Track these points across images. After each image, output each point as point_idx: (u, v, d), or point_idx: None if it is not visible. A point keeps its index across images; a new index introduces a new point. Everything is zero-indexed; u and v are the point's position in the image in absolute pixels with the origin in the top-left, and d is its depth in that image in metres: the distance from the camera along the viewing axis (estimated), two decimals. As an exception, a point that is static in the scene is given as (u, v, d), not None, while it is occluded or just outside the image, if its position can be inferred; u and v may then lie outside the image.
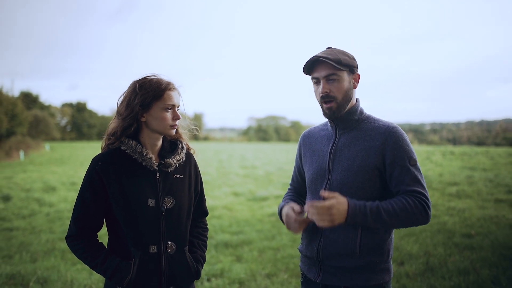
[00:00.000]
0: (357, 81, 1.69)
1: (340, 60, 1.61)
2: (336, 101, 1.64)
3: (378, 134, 1.63)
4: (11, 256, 4.86)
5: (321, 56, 1.62)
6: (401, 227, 1.57)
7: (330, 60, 1.60)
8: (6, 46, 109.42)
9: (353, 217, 1.51)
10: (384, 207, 1.52)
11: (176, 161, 1.71)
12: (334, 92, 1.63)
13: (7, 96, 24.69)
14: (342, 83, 1.63)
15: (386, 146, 1.60)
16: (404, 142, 1.61)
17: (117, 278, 1.58)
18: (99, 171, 1.59)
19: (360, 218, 1.51)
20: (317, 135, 1.82)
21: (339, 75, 1.62)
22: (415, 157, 1.61)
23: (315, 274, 1.71)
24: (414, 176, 1.58)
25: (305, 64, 1.66)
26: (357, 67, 1.69)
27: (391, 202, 1.54)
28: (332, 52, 1.64)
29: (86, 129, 49.94)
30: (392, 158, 1.58)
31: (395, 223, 1.53)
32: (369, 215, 1.51)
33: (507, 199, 8.01)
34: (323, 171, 1.69)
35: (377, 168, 1.60)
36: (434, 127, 64.79)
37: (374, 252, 1.63)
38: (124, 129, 1.63)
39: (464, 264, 4.31)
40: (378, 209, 1.51)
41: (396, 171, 1.58)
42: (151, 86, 1.62)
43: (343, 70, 1.62)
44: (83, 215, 1.61)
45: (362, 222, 1.52)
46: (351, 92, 1.68)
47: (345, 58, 1.63)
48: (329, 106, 1.65)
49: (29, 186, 10.63)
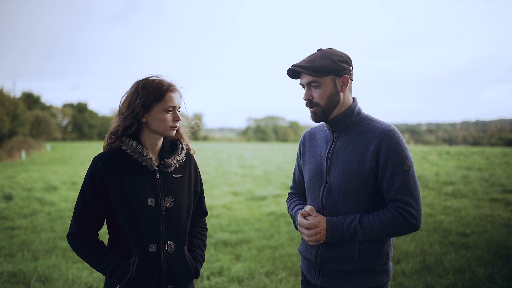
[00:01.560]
0: (346, 84, 1.64)
1: (317, 68, 1.59)
2: (319, 107, 1.63)
3: (373, 137, 1.60)
4: (13, 254, 4.91)
5: (297, 65, 1.62)
6: (385, 238, 1.63)
7: (306, 69, 1.59)
8: (8, 47, 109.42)
9: (331, 237, 1.61)
10: (363, 225, 1.57)
11: (176, 162, 1.71)
12: (316, 99, 1.63)
13: (9, 96, 24.72)
14: (324, 89, 1.61)
15: (380, 150, 1.57)
16: (399, 147, 1.57)
17: (116, 276, 1.59)
18: (99, 170, 1.60)
19: (337, 238, 1.60)
20: (317, 136, 1.80)
21: (319, 81, 1.61)
22: (410, 162, 1.58)
23: (314, 276, 1.72)
24: (404, 182, 1.55)
25: (286, 73, 1.66)
26: (346, 69, 1.63)
27: (371, 218, 1.58)
28: (314, 58, 1.62)
29: (87, 129, 49.90)
30: (385, 162, 1.57)
31: (375, 237, 1.59)
32: (346, 235, 1.59)
33: (502, 198, 8.04)
34: (320, 174, 1.69)
35: (373, 172, 1.59)
36: (430, 127, 64.61)
37: (373, 256, 1.63)
38: (125, 129, 1.63)
39: (460, 263, 4.34)
40: (355, 230, 1.58)
41: (387, 176, 1.57)
42: (153, 87, 1.62)
43: (324, 76, 1.60)
44: (84, 213, 1.63)
45: (341, 240, 1.61)
46: (337, 96, 1.64)
47: (326, 64, 1.59)
48: (313, 110, 1.65)
49: (31, 185, 10.67)
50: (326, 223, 1.61)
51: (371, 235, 1.57)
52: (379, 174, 1.59)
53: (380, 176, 1.59)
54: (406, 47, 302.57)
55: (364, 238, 1.58)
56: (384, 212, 1.58)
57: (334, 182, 1.64)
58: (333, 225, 1.60)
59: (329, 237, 1.61)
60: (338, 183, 1.62)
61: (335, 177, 1.64)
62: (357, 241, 1.60)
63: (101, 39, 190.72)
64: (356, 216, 1.60)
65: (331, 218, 1.62)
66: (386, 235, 1.59)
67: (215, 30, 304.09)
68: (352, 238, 1.59)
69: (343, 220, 1.60)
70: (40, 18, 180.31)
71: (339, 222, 1.60)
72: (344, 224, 1.59)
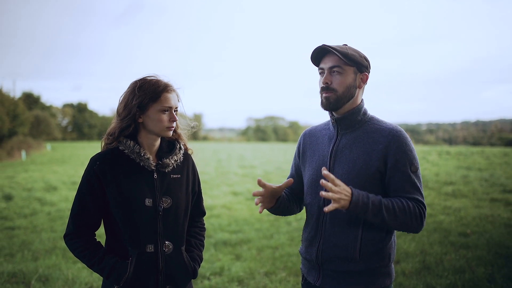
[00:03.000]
0: (364, 81, 1.65)
1: (347, 54, 1.58)
2: (335, 93, 1.61)
3: (381, 137, 1.59)
4: (13, 254, 4.91)
5: (328, 46, 1.59)
6: (395, 228, 1.56)
7: (337, 51, 1.57)
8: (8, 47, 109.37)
9: (355, 205, 1.46)
10: (385, 204, 1.50)
11: (173, 162, 1.71)
12: (334, 85, 1.60)
13: (9, 96, 24.75)
14: (345, 77, 1.60)
15: (388, 150, 1.56)
16: (407, 148, 1.57)
17: (114, 277, 1.59)
18: (97, 170, 1.60)
19: (361, 208, 1.47)
20: (319, 135, 1.77)
21: (344, 68, 1.59)
22: (417, 164, 1.58)
23: (314, 277, 1.69)
24: (414, 183, 1.56)
25: (312, 51, 1.63)
26: (367, 67, 1.65)
27: (393, 200, 1.52)
28: (344, 47, 1.62)
29: (87, 129, 49.89)
30: (394, 162, 1.55)
31: (391, 222, 1.51)
32: (370, 207, 1.47)
33: (502, 198, 8.05)
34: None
35: (379, 171, 1.58)
36: (430, 127, 64.59)
37: (374, 257, 1.60)
38: (122, 129, 1.63)
39: (460, 263, 4.35)
40: (380, 204, 1.49)
41: (397, 176, 1.56)
42: (149, 87, 1.61)
43: (349, 65, 1.60)
44: (81, 214, 1.63)
45: (362, 212, 1.47)
46: (354, 90, 1.63)
47: (354, 55, 1.60)
48: (327, 95, 1.61)
49: (31, 185, 10.67)
50: (351, 190, 1.47)
51: (390, 217, 1.50)
52: (387, 173, 1.58)
53: (388, 176, 1.58)
54: (406, 47, 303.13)
55: (383, 218, 1.49)
56: (405, 200, 1.54)
57: None
58: (358, 192, 1.48)
59: (353, 203, 1.45)
60: (343, 181, 1.58)
61: (340, 175, 1.61)
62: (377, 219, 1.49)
63: (101, 39, 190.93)
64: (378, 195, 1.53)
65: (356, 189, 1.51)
66: (401, 222, 1.52)
67: (215, 30, 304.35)
68: (375, 212, 1.48)
69: (366, 194, 1.50)
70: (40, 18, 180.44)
71: (364, 194, 1.49)
72: (370, 195, 1.50)
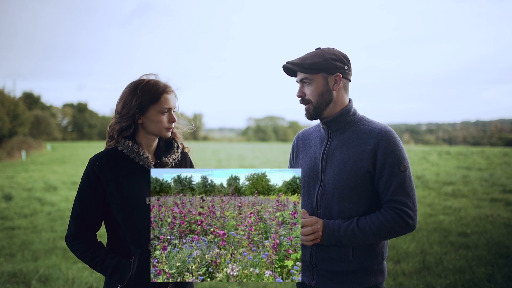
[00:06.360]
0: (339, 82, 1.65)
1: (308, 65, 1.62)
2: (311, 104, 1.66)
3: (370, 137, 1.61)
4: (13, 254, 4.92)
5: (289, 63, 1.66)
6: (381, 241, 1.63)
7: (297, 66, 1.64)
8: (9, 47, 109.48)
9: (328, 239, 1.59)
10: (361, 227, 1.57)
11: (172, 160, 1.72)
12: (308, 95, 1.66)
13: (9, 96, 24.74)
14: (315, 86, 1.64)
15: (377, 151, 1.59)
16: (396, 147, 1.59)
17: (117, 276, 1.59)
18: (96, 171, 1.61)
19: (334, 241, 1.58)
20: (311, 137, 1.80)
21: (311, 78, 1.64)
22: (406, 163, 1.60)
23: (308, 278, 1.70)
24: (401, 183, 1.57)
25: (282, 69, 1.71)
26: (339, 67, 1.63)
27: (369, 220, 1.58)
28: (308, 56, 1.65)
29: (87, 129, 49.90)
30: (382, 163, 1.58)
31: (373, 240, 1.58)
32: (343, 238, 1.57)
33: (502, 198, 8.06)
34: (315, 173, 1.68)
35: (369, 172, 1.60)
36: (430, 127, 64.61)
37: (367, 256, 1.63)
38: (122, 130, 1.64)
39: (460, 263, 4.36)
40: (353, 232, 1.56)
41: (384, 177, 1.58)
42: (148, 89, 1.62)
43: (315, 73, 1.63)
44: (82, 215, 1.63)
45: (338, 243, 1.58)
46: (329, 94, 1.65)
47: (317, 62, 1.61)
48: (306, 107, 1.68)
49: (31, 185, 10.68)
50: (322, 225, 1.59)
51: (370, 237, 1.57)
52: (376, 174, 1.60)
53: (377, 177, 1.60)
54: (406, 47, 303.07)
55: (362, 240, 1.57)
56: (382, 213, 1.59)
57: (330, 182, 1.64)
58: (329, 226, 1.59)
59: (325, 238, 1.59)
60: (334, 182, 1.62)
61: (331, 176, 1.63)
62: (355, 243, 1.58)
63: (102, 39, 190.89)
64: (353, 220, 1.60)
65: (328, 220, 1.61)
66: (385, 237, 1.59)
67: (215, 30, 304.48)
68: (350, 240, 1.57)
69: (340, 223, 1.59)
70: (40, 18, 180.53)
71: (336, 224, 1.59)
72: (342, 226, 1.58)
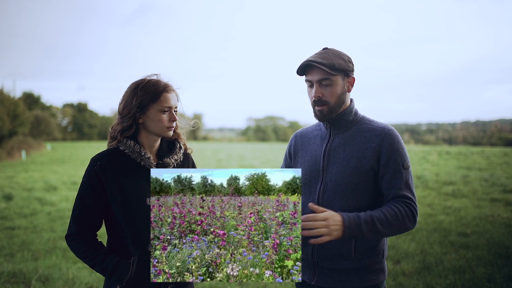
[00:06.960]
0: (352, 84, 1.67)
1: (334, 65, 1.59)
2: (328, 105, 1.63)
3: (374, 135, 1.63)
4: (13, 254, 4.92)
5: (314, 61, 1.59)
6: (392, 235, 1.57)
7: (324, 65, 1.58)
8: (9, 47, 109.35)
9: (349, 229, 1.46)
10: (377, 216, 1.50)
11: (174, 161, 1.72)
12: (326, 97, 1.62)
13: (9, 96, 24.75)
14: (335, 88, 1.62)
15: (381, 148, 1.60)
16: (399, 145, 1.61)
17: (116, 277, 1.59)
18: (97, 171, 1.60)
19: (355, 231, 1.47)
20: (310, 135, 1.80)
21: (332, 79, 1.61)
22: (409, 162, 1.62)
23: (309, 276, 1.69)
24: (406, 180, 1.58)
25: (298, 67, 1.64)
26: (353, 70, 1.67)
27: (383, 210, 1.53)
28: (327, 56, 1.62)
29: (87, 129, 49.88)
30: (387, 160, 1.59)
31: (388, 232, 1.52)
32: (364, 226, 1.48)
33: (502, 198, 8.06)
34: (316, 171, 1.68)
35: (372, 169, 1.60)
36: (430, 127, 64.59)
37: (369, 254, 1.63)
38: (123, 130, 1.64)
39: (460, 263, 4.36)
40: (372, 219, 1.49)
41: (389, 174, 1.58)
42: (149, 88, 1.62)
43: (336, 75, 1.61)
44: (82, 214, 1.63)
45: (358, 234, 1.48)
46: (345, 96, 1.66)
47: (340, 63, 1.61)
48: (320, 109, 1.64)
49: (31, 185, 10.68)
50: (341, 217, 1.47)
51: (386, 228, 1.51)
52: (380, 171, 1.61)
53: (381, 174, 1.61)
54: (406, 47, 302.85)
55: (382, 230, 1.50)
56: (394, 205, 1.55)
57: (332, 179, 1.63)
58: (349, 216, 1.48)
59: (346, 230, 1.46)
60: (337, 180, 1.62)
61: (333, 174, 1.63)
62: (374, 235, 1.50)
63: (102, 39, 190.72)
64: (366, 211, 1.54)
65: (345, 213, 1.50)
66: (397, 230, 1.54)
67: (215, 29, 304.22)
68: (369, 228, 1.48)
69: (356, 214, 1.50)
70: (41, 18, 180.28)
71: (354, 215, 1.49)
72: (361, 217, 1.49)
